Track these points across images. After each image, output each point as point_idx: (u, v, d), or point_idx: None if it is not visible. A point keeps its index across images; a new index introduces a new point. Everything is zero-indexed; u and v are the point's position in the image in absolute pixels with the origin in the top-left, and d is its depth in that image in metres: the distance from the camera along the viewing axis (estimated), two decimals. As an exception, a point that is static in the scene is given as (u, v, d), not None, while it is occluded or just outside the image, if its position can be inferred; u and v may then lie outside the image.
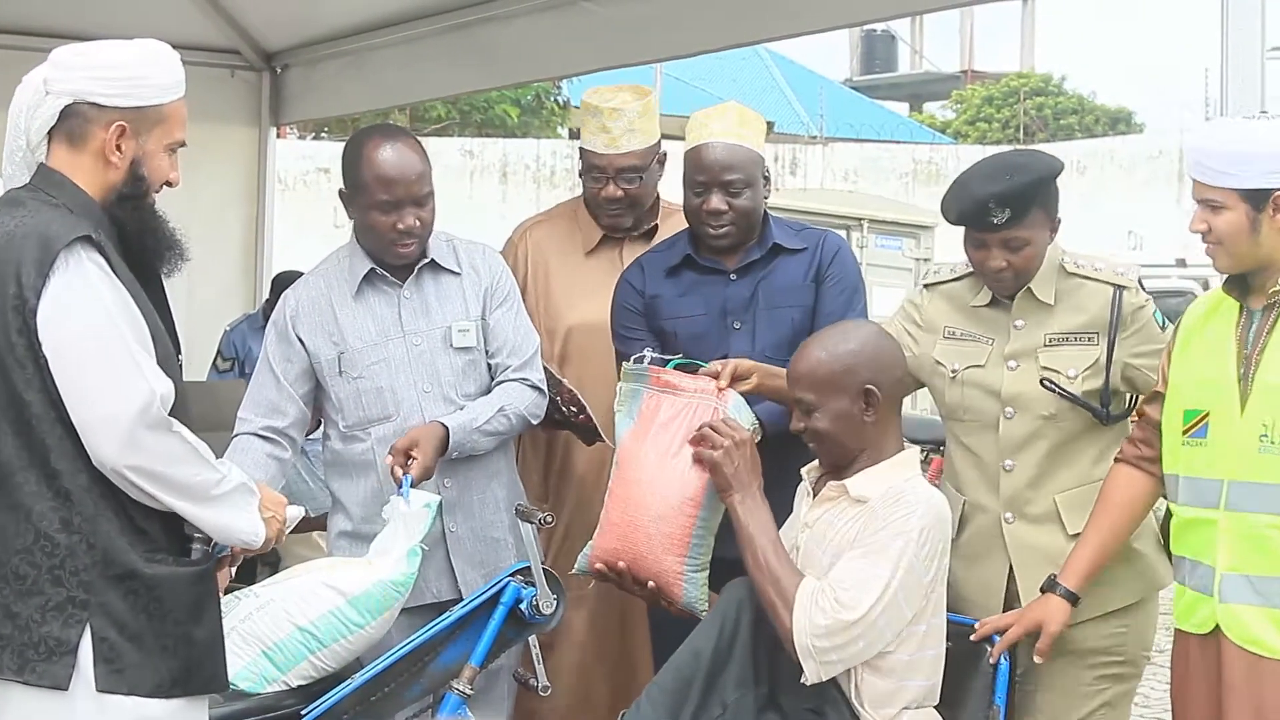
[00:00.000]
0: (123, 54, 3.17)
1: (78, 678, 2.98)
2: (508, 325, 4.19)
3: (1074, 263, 3.84)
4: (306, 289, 4.18)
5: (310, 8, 6.78)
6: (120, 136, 3.10)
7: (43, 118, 3.11)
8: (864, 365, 3.55)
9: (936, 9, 10.23)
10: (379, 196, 4.01)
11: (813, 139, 30.09)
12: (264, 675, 3.61)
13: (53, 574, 2.98)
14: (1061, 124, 37.54)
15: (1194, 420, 3.49)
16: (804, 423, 3.59)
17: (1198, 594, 3.49)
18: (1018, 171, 3.71)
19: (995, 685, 3.60)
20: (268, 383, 4.14)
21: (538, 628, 3.83)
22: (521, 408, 4.13)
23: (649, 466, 3.78)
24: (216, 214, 7.16)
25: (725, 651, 3.47)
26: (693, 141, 4.16)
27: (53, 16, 6.41)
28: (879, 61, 46.85)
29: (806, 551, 3.55)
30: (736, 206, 4.13)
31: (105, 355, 2.97)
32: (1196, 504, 3.47)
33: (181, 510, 3.05)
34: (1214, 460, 3.44)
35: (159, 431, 2.99)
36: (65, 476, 2.99)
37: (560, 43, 5.93)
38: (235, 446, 4.07)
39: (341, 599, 3.65)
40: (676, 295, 4.23)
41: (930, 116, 43.35)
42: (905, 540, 3.38)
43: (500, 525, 4.16)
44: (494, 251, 4.35)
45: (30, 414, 2.98)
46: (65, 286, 2.98)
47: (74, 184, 3.10)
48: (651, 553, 3.73)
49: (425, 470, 3.90)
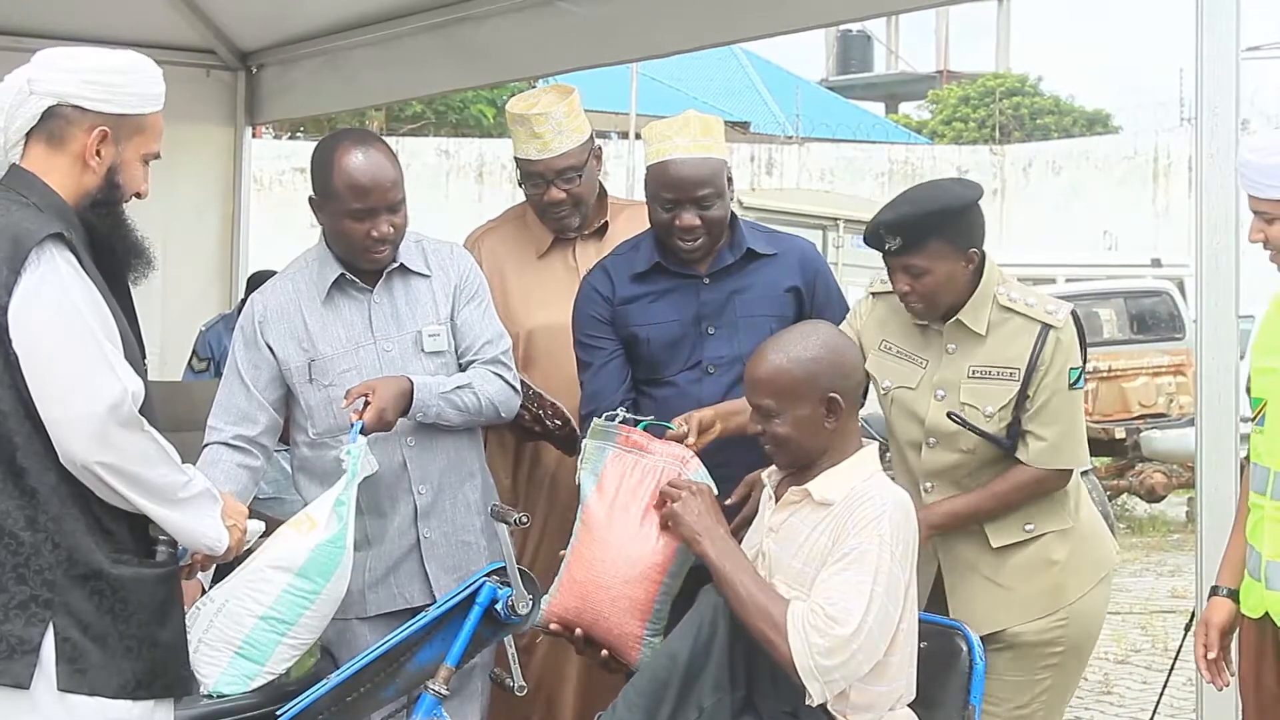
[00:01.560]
0: (109, 60, 3.17)
1: (40, 677, 2.96)
2: (476, 321, 4.15)
3: (1008, 296, 3.88)
4: (275, 294, 4.13)
5: (286, 7, 6.76)
6: (101, 142, 3.11)
7: (24, 117, 3.11)
8: (826, 373, 3.52)
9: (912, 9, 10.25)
10: (352, 205, 3.97)
11: (788, 139, 30.12)
12: (245, 674, 3.57)
13: (16, 572, 2.97)
14: (1037, 124, 37.61)
15: (1258, 409, 3.57)
16: (764, 427, 3.57)
17: (1251, 579, 3.56)
18: (915, 202, 3.79)
19: (971, 685, 3.61)
20: (237, 390, 4.09)
21: (513, 628, 3.82)
22: (490, 393, 4.08)
23: (618, 530, 3.74)
24: (192, 214, 7.14)
25: (702, 655, 3.45)
26: (656, 156, 4.13)
27: (25, 15, 6.38)
28: (855, 61, 46.91)
29: (773, 556, 3.54)
30: (709, 218, 4.12)
31: (76, 352, 2.96)
32: (1255, 490, 3.55)
33: (149, 511, 3.05)
34: (1270, 448, 3.52)
35: (131, 429, 2.98)
36: (31, 474, 2.98)
37: (537, 43, 5.92)
38: (205, 457, 4.03)
39: (289, 574, 3.60)
40: (648, 301, 4.20)
41: (906, 117, 43.40)
42: (879, 544, 3.36)
43: (472, 529, 4.14)
44: (462, 250, 4.32)
45: None
46: (37, 283, 2.97)
47: (46, 184, 3.09)
48: (614, 615, 3.70)
49: (378, 414, 3.84)
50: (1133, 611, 9.80)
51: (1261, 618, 3.52)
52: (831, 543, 3.40)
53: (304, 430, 4.12)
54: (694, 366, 4.17)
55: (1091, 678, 7.93)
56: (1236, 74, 3.99)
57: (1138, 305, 15.63)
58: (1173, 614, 9.26)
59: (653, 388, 4.22)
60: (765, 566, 3.53)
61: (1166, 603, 9.84)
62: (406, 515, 4.06)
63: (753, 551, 3.59)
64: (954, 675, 3.62)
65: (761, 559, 3.55)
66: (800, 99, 33.03)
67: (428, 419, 4.01)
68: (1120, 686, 7.77)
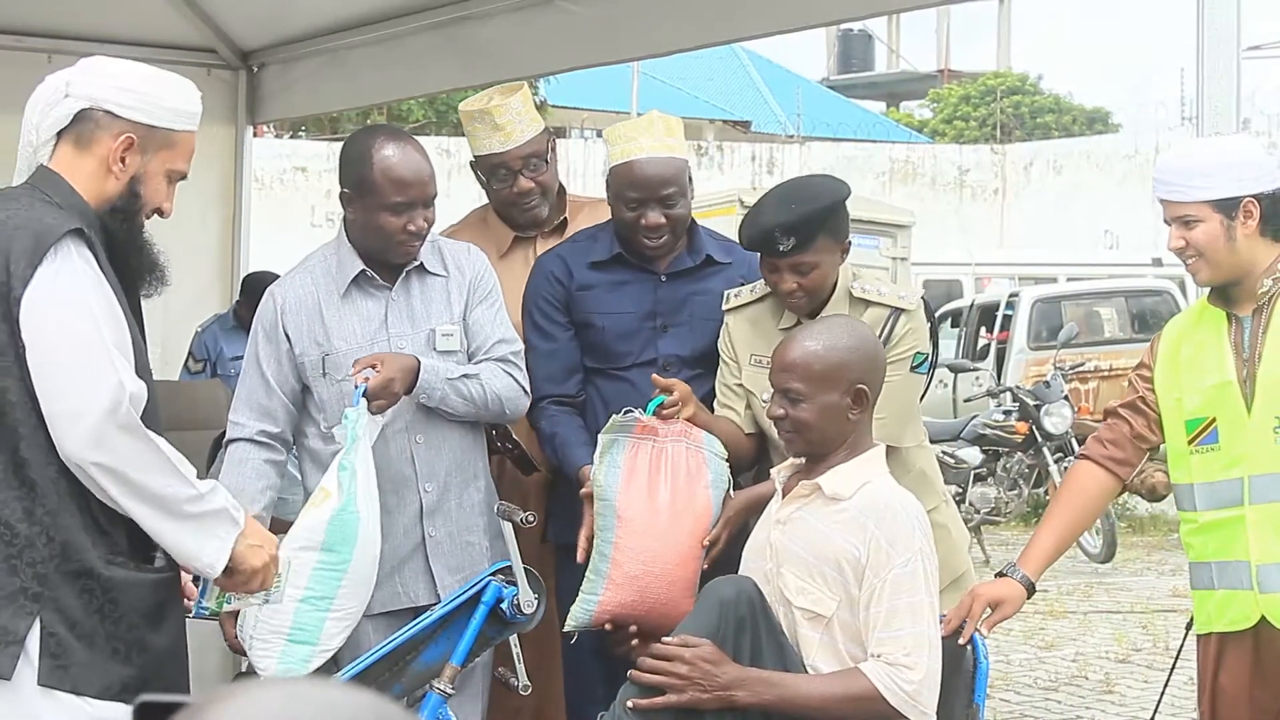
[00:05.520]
0: (149, 72, 3.21)
1: (23, 670, 2.97)
2: (488, 321, 4.16)
3: (861, 288, 3.97)
4: (294, 287, 4.13)
5: (287, 6, 6.76)
6: (126, 149, 3.12)
7: (56, 117, 3.13)
8: (858, 363, 3.56)
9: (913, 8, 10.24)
10: (393, 199, 3.98)
11: (790, 138, 30.13)
12: (300, 658, 3.65)
13: (9, 563, 2.97)
14: (1038, 123, 37.62)
15: (1200, 428, 3.57)
16: (786, 411, 3.57)
17: (1231, 591, 3.55)
18: (803, 201, 3.87)
19: (975, 685, 3.61)
20: (258, 386, 4.09)
21: (518, 627, 3.83)
22: (498, 388, 4.08)
23: (657, 519, 3.83)
24: (193, 213, 7.12)
25: None
26: (621, 156, 4.19)
27: (26, 14, 6.38)
28: (856, 61, 46.91)
29: (781, 547, 3.54)
30: (673, 216, 4.19)
31: (80, 348, 2.97)
32: (1218, 506, 3.55)
33: (139, 517, 3.03)
34: (1231, 461, 3.52)
35: (128, 432, 2.97)
36: (33, 466, 2.98)
37: (538, 42, 5.92)
38: (233, 455, 4.04)
39: (315, 552, 3.64)
40: (605, 290, 4.27)
41: (907, 115, 43.39)
42: (921, 559, 3.41)
43: (476, 529, 4.14)
44: (477, 250, 4.32)
45: (5, 400, 2.98)
46: (53, 276, 2.98)
47: (71, 186, 3.10)
48: (671, 599, 3.79)
49: (385, 381, 3.85)
50: (1134, 610, 9.80)
51: (1255, 626, 3.51)
52: (869, 553, 3.41)
53: (315, 423, 4.11)
54: (650, 363, 4.22)
55: (1093, 677, 7.94)
56: (1237, 73, 4.03)
57: (1139, 304, 15.64)
58: (1174, 613, 9.26)
59: (604, 380, 4.26)
60: (773, 558, 3.54)
61: (1168, 602, 9.83)
62: (412, 513, 4.06)
63: (760, 544, 3.60)
64: (958, 675, 3.62)
65: (769, 550, 3.56)
66: (801, 98, 33.05)
67: (431, 402, 4.01)
68: (1121, 685, 7.76)
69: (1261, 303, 3.54)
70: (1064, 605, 9.93)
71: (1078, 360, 13.61)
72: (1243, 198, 3.51)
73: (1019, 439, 12.05)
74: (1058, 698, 7.56)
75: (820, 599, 3.45)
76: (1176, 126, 27.10)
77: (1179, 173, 3.57)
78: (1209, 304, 3.65)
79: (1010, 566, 3.74)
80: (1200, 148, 3.73)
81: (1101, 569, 11.26)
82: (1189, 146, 3.86)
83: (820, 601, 3.45)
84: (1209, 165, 3.55)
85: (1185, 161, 3.60)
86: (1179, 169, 3.58)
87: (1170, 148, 3.37)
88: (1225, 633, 3.58)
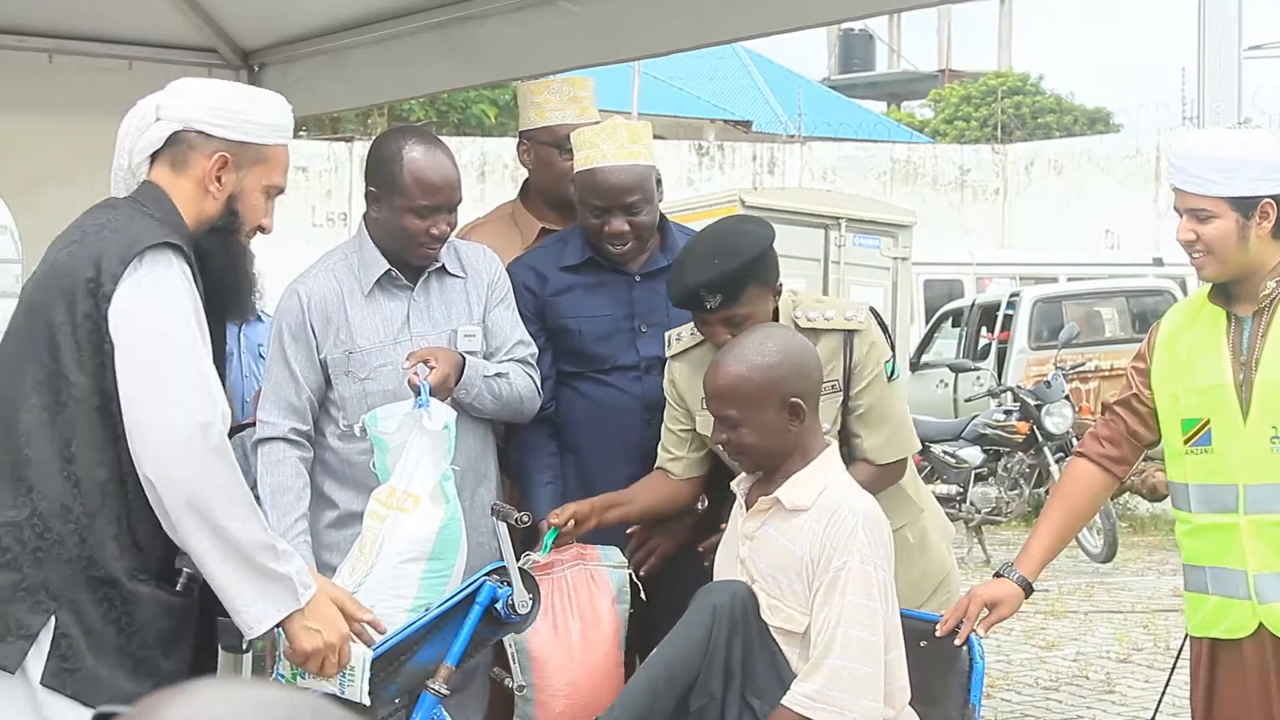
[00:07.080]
0: (237, 89, 3.27)
1: (30, 665, 2.93)
2: (506, 322, 4.19)
3: (806, 316, 3.91)
4: (318, 284, 4.11)
5: (288, 6, 6.76)
6: (221, 168, 3.12)
7: (149, 140, 3.13)
8: (786, 378, 3.52)
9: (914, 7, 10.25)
10: (419, 201, 3.99)
11: (791, 138, 30.10)
12: None
13: (35, 556, 2.94)
14: (1039, 123, 37.62)
15: (1194, 429, 3.53)
16: (728, 436, 3.56)
17: (1226, 599, 3.51)
18: (726, 256, 3.77)
19: (971, 685, 3.61)
20: (286, 383, 4.06)
21: (513, 627, 3.82)
22: (520, 388, 4.11)
23: (574, 652, 3.86)
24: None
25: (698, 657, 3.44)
26: (584, 163, 4.17)
27: (26, 14, 6.37)
28: (857, 60, 46.92)
29: (751, 562, 3.55)
30: (637, 224, 4.17)
31: (176, 357, 2.93)
32: (1212, 509, 3.51)
33: (196, 548, 2.95)
34: (1225, 466, 3.47)
35: (219, 456, 2.92)
36: (81, 464, 2.94)
37: (539, 41, 5.92)
38: (269, 456, 4.02)
39: (421, 563, 3.66)
40: (580, 293, 4.25)
41: (908, 115, 43.40)
42: (859, 559, 3.38)
43: (486, 529, 4.14)
44: (491, 252, 4.33)
45: (70, 393, 2.94)
46: (151, 281, 2.95)
47: (172, 203, 3.09)
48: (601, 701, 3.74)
49: (443, 379, 3.86)
50: (1135, 610, 9.80)
51: (1254, 634, 3.48)
52: (812, 560, 3.41)
53: (334, 421, 4.10)
54: (632, 367, 4.21)
55: (1094, 676, 7.94)
56: (1239, 72, 4.03)
57: (1140, 304, 15.63)
58: (1175, 613, 9.24)
59: (587, 384, 4.25)
60: (746, 573, 3.54)
61: (1169, 601, 9.83)
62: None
63: (732, 560, 3.59)
64: (954, 674, 3.62)
65: (741, 566, 3.56)
66: (802, 98, 33.02)
67: (468, 398, 4.02)
68: (1122, 685, 7.76)
69: (1263, 305, 3.48)
70: (1065, 605, 9.93)
71: (1078, 360, 13.62)
72: (1262, 198, 3.42)
73: (1020, 439, 12.06)
74: (1059, 697, 7.56)
75: (791, 615, 3.46)
76: (1178, 126, 27.08)
77: (1199, 162, 3.46)
78: (1209, 300, 3.59)
79: (1007, 567, 3.72)
80: (1224, 140, 3.56)
81: (1102, 569, 11.26)
82: (1212, 136, 3.71)
83: (791, 619, 3.46)
84: (1231, 160, 3.43)
85: (1207, 152, 3.49)
86: (1199, 158, 3.47)
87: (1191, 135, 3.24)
88: (1220, 639, 3.56)
